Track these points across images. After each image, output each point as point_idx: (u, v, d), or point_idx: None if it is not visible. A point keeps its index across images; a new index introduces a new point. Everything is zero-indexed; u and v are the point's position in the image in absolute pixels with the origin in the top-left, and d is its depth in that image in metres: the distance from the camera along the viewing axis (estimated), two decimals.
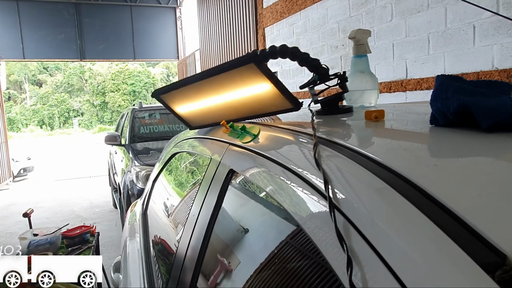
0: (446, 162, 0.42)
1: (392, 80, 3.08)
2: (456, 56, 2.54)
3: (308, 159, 0.52)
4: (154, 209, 1.55)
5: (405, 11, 2.88)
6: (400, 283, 0.29)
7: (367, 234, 0.35)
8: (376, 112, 0.65)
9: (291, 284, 0.50)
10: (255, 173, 0.67)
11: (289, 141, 0.64)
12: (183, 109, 1.01)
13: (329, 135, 0.57)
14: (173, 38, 11.16)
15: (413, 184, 0.36)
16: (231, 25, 6.60)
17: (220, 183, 0.80)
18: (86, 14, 9.89)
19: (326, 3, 3.82)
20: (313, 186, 0.46)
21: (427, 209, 0.33)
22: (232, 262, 0.72)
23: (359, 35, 0.89)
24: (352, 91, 0.88)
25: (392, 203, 0.36)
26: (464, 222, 0.30)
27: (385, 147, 0.52)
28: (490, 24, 2.31)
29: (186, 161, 1.43)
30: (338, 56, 3.75)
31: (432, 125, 0.56)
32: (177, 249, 0.95)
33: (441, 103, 0.51)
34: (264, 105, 0.78)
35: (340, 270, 0.35)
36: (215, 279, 0.74)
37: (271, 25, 5.04)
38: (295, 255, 0.51)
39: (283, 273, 0.54)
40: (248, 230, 0.72)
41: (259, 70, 0.68)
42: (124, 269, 1.43)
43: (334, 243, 0.37)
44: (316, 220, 0.43)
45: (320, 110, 0.82)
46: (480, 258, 0.27)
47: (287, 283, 0.51)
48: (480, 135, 0.47)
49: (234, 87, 0.78)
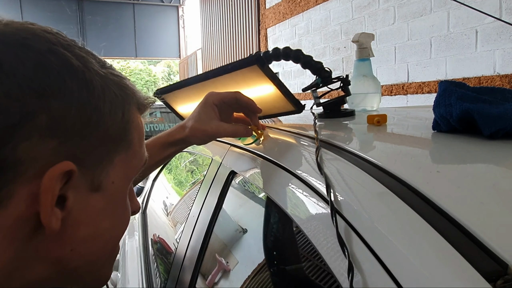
0: (448, 168, 0.42)
1: (394, 83, 3.08)
2: (458, 60, 2.54)
3: (310, 163, 0.52)
4: (153, 208, 1.55)
5: (408, 14, 2.89)
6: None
7: (368, 239, 0.35)
8: (378, 116, 0.65)
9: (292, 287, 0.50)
10: (256, 175, 0.67)
11: (290, 144, 0.64)
12: (185, 109, 1.01)
13: (331, 138, 0.57)
14: (175, 36, 11.17)
15: (415, 190, 0.36)
16: (233, 25, 6.60)
17: (221, 184, 0.80)
18: (88, 11, 9.90)
19: (329, 5, 3.82)
20: (314, 189, 0.46)
21: (429, 215, 0.33)
22: (231, 263, 0.72)
23: (363, 38, 0.89)
24: (354, 94, 0.88)
25: (394, 209, 0.36)
26: (466, 230, 0.30)
27: (388, 152, 0.52)
28: (492, 29, 2.31)
29: (186, 160, 1.43)
30: (340, 58, 3.75)
31: (434, 130, 0.56)
32: (176, 248, 0.95)
33: (444, 109, 0.51)
34: (267, 107, 0.78)
35: (341, 275, 0.35)
36: (214, 279, 0.74)
37: (274, 26, 5.04)
38: (296, 259, 0.51)
39: (283, 277, 0.55)
40: (248, 232, 0.72)
41: (262, 72, 0.67)
42: (122, 267, 1.43)
43: (335, 247, 0.37)
44: (317, 223, 0.43)
45: (322, 113, 0.82)
46: (482, 267, 0.27)
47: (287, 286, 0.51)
48: (482, 142, 0.47)
49: (237, 88, 0.78)
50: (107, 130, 0.32)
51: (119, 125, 0.34)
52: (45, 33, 0.31)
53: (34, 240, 0.30)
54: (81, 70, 0.31)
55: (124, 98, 0.34)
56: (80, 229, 0.32)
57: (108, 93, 0.33)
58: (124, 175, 0.36)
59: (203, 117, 0.62)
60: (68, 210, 0.30)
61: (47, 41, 0.30)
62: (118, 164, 0.34)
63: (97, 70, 0.33)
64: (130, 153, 0.36)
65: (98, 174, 0.32)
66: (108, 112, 0.32)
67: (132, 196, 0.41)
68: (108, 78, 0.33)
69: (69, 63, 0.30)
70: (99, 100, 0.32)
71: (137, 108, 0.37)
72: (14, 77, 0.27)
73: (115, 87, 0.34)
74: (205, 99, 0.64)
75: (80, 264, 0.33)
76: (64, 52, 0.31)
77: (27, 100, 0.27)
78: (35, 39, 0.30)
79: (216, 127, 0.62)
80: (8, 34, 0.29)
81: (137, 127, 0.36)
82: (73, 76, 0.30)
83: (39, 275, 0.32)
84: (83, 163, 0.31)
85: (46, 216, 0.28)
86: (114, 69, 0.36)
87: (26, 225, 0.29)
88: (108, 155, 0.33)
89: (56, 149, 0.29)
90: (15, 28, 0.30)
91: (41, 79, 0.28)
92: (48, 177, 0.28)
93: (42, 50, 0.29)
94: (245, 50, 6.19)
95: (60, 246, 0.31)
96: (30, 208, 0.28)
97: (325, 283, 0.45)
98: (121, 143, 0.34)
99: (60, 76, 0.29)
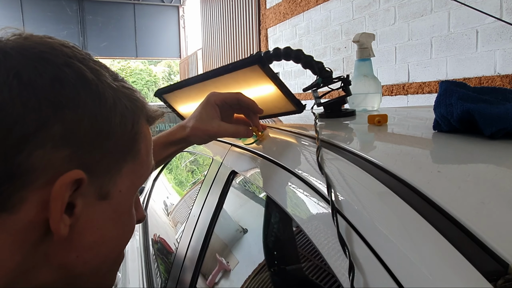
0: (449, 168, 0.42)
1: (394, 83, 3.08)
2: (459, 60, 2.54)
3: (311, 163, 0.52)
4: (154, 208, 1.55)
5: (408, 14, 2.88)
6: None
7: (369, 239, 0.35)
8: (379, 116, 0.65)
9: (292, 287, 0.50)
10: (257, 175, 0.67)
11: (291, 144, 0.64)
12: (186, 109, 1.01)
13: (332, 138, 0.57)
14: (176, 36, 11.17)
15: (416, 190, 0.36)
16: (234, 25, 6.60)
17: (221, 184, 0.80)
18: (89, 11, 9.90)
19: (330, 5, 3.82)
20: (315, 189, 0.46)
21: (430, 215, 0.33)
22: (231, 263, 0.72)
23: (364, 38, 0.89)
24: (355, 94, 0.88)
25: (395, 209, 0.36)
26: (467, 229, 0.30)
27: (388, 152, 0.52)
28: (493, 30, 2.31)
29: (187, 160, 1.44)
30: (340, 58, 3.75)
31: (435, 131, 0.56)
32: (177, 248, 0.95)
33: (445, 109, 0.51)
34: (267, 107, 0.78)
35: (342, 275, 0.35)
36: (214, 279, 0.74)
37: (274, 26, 5.04)
38: (297, 258, 0.51)
39: (284, 276, 0.55)
40: (249, 232, 0.72)
41: (263, 72, 0.68)
42: (123, 267, 1.43)
43: (336, 247, 0.37)
44: (318, 223, 0.43)
45: (322, 113, 0.82)
46: (483, 267, 0.27)
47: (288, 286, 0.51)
48: (483, 142, 0.47)
49: (237, 88, 0.78)
50: (117, 141, 0.33)
51: (129, 136, 0.35)
52: (62, 47, 0.32)
53: (42, 246, 0.31)
54: (94, 83, 0.32)
55: (134, 110, 0.36)
56: (87, 236, 0.33)
57: (119, 105, 0.34)
58: (131, 184, 0.36)
59: (204, 116, 0.63)
60: (76, 217, 0.31)
61: (64, 54, 0.32)
62: (125, 174, 0.35)
63: (110, 83, 0.34)
64: (137, 163, 0.36)
65: (106, 183, 0.33)
66: (118, 123, 0.33)
67: (138, 205, 0.42)
68: (119, 91, 0.34)
69: (84, 76, 0.32)
70: (111, 111, 0.33)
71: (146, 120, 0.38)
72: (32, 88, 0.29)
73: (126, 100, 0.35)
74: (207, 98, 0.64)
75: (85, 270, 0.34)
76: (79, 65, 0.32)
77: (43, 110, 0.29)
78: (53, 52, 0.31)
79: (217, 126, 0.62)
80: (28, 47, 0.30)
81: (145, 138, 0.38)
82: (87, 88, 0.31)
83: (44, 280, 0.32)
84: (92, 172, 0.32)
85: (55, 222, 0.29)
86: (126, 82, 0.37)
87: (35, 231, 0.30)
88: (116, 165, 0.34)
89: (68, 158, 0.30)
90: (34, 42, 0.31)
91: (57, 91, 0.29)
92: (59, 185, 0.29)
93: (59, 63, 0.31)
94: (245, 50, 6.18)
95: (67, 252, 0.32)
96: (40, 214, 0.29)
97: (326, 283, 0.45)
98: (130, 153, 0.35)
99: (75, 88, 0.31)
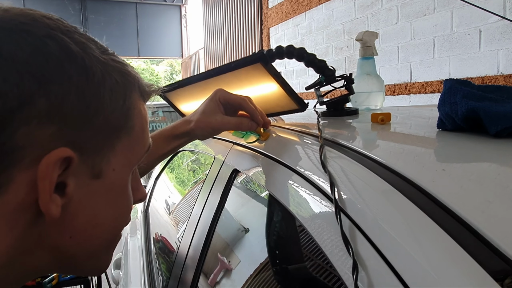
0: (454, 167, 0.42)
1: (397, 83, 3.07)
2: (461, 60, 2.53)
3: (313, 161, 0.52)
4: (155, 207, 1.55)
5: (411, 14, 2.87)
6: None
7: (373, 237, 0.34)
8: (382, 115, 0.65)
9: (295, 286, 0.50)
10: (259, 173, 0.67)
11: (294, 142, 0.63)
12: (188, 107, 1.01)
13: (335, 137, 0.56)
14: (178, 36, 11.17)
15: (420, 189, 0.36)
16: (236, 25, 6.60)
17: (223, 182, 0.80)
18: (91, 10, 9.91)
19: (332, 4, 3.81)
20: (318, 188, 0.46)
21: (435, 214, 0.32)
22: (233, 262, 0.72)
23: (367, 37, 0.89)
24: (358, 93, 0.87)
25: (399, 207, 0.35)
26: (473, 228, 0.30)
27: (392, 151, 0.52)
28: (496, 29, 2.30)
29: (188, 159, 1.43)
30: (343, 58, 3.74)
31: (439, 129, 0.55)
32: (178, 247, 0.94)
33: (449, 107, 0.51)
34: (270, 105, 0.78)
35: (346, 273, 0.35)
36: (216, 278, 0.74)
37: (276, 25, 5.03)
38: (300, 257, 0.51)
39: (286, 276, 0.54)
40: (251, 231, 0.72)
41: (266, 70, 0.67)
42: (124, 266, 1.43)
43: (340, 245, 0.36)
44: (321, 222, 0.43)
45: (325, 111, 0.81)
46: (489, 266, 0.26)
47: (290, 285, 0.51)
48: (488, 140, 0.47)
49: (240, 86, 0.77)
50: (107, 117, 0.32)
51: (120, 111, 0.33)
52: (44, 19, 0.31)
53: (35, 228, 0.30)
54: (80, 56, 0.31)
55: (125, 84, 0.34)
56: (80, 217, 0.32)
57: (108, 79, 0.32)
58: (126, 162, 0.35)
59: (207, 110, 0.64)
60: (69, 197, 0.30)
61: (46, 26, 0.30)
62: (119, 151, 0.34)
63: (98, 56, 0.32)
64: (132, 140, 0.35)
65: (98, 161, 0.32)
66: (108, 99, 0.32)
67: (138, 183, 0.41)
68: (109, 65, 0.33)
69: (68, 48, 0.30)
70: (99, 86, 0.31)
71: (139, 95, 0.37)
72: (13, 62, 0.27)
73: (116, 74, 0.33)
74: (213, 94, 0.65)
75: (79, 251, 0.33)
76: (62, 37, 0.30)
77: (26, 85, 0.27)
78: (34, 24, 0.29)
79: (221, 119, 0.64)
80: (7, 19, 0.29)
81: (139, 114, 0.36)
82: (72, 61, 0.30)
83: (38, 262, 0.32)
84: (83, 150, 0.30)
85: (44, 203, 0.28)
86: (116, 55, 0.35)
87: (26, 212, 0.29)
88: (109, 142, 0.33)
89: (55, 135, 0.29)
90: (14, 13, 0.30)
91: (39, 64, 0.28)
92: (45, 164, 0.28)
93: (40, 35, 0.29)
94: (247, 49, 6.18)
95: (60, 233, 0.31)
96: (30, 195, 0.28)
97: (329, 282, 0.45)
98: (123, 130, 0.34)
99: (58, 61, 0.29)
